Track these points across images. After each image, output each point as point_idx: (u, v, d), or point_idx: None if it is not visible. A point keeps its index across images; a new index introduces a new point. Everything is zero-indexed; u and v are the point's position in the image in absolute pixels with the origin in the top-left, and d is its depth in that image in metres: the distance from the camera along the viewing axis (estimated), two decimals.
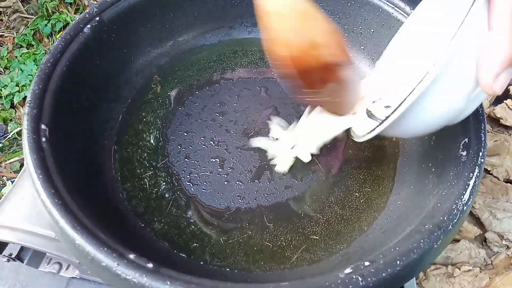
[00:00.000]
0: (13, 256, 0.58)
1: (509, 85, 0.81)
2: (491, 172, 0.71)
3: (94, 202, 0.45)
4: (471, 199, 0.40)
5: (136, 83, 0.63)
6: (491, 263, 0.64)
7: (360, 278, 0.34)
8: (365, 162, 0.58)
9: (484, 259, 0.63)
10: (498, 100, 0.81)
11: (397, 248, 0.37)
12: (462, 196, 0.40)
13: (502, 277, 0.58)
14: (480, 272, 0.60)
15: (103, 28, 0.56)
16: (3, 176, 1.71)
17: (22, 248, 0.59)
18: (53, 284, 0.63)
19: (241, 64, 0.68)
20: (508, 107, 0.78)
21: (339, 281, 0.34)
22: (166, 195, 0.53)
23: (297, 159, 0.56)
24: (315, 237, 0.50)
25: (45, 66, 0.48)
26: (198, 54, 0.68)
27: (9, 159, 1.77)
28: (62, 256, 0.53)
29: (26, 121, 0.43)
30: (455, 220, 0.39)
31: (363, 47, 0.68)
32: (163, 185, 0.54)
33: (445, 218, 0.39)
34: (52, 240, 0.53)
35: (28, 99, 0.45)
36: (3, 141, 1.81)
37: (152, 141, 0.58)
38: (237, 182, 0.55)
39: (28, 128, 0.42)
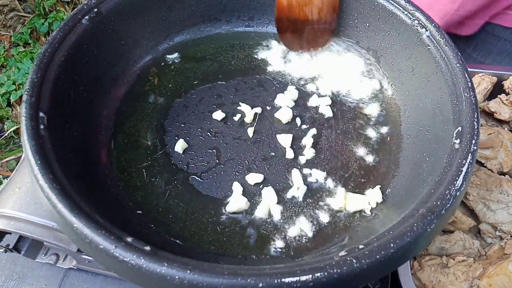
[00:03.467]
0: (10, 247, 0.58)
1: (502, 80, 0.82)
2: (485, 165, 0.72)
3: (92, 190, 0.46)
4: (464, 185, 0.41)
5: (134, 75, 0.63)
6: (485, 254, 0.64)
7: (354, 260, 0.35)
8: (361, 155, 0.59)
9: (478, 250, 0.64)
10: (493, 95, 0.82)
11: (391, 232, 0.38)
12: (455, 182, 0.41)
13: (495, 266, 0.59)
14: (474, 262, 0.61)
15: (101, 19, 0.56)
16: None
17: (20, 239, 0.59)
18: (50, 275, 0.63)
19: (238, 57, 0.69)
20: (502, 102, 0.79)
21: (333, 263, 0.35)
22: (164, 185, 0.53)
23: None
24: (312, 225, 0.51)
25: (43, 55, 0.48)
26: (196, 47, 0.69)
27: (5, 158, 1.77)
28: (59, 245, 0.53)
29: (24, 108, 0.43)
30: (448, 205, 0.40)
31: (358, 41, 0.68)
32: (161, 175, 0.54)
33: (438, 203, 0.39)
34: (49, 229, 0.53)
35: (26, 87, 0.45)
36: None
37: (149, 132, 0.58)
38: (234, 173, 0.55)
39: (26, 115, 0.43)
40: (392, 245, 0.36)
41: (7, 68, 2.04)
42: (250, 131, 0.59)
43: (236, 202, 0.51)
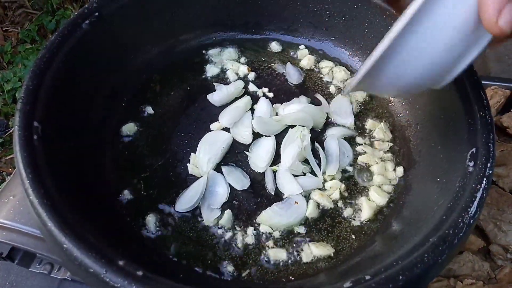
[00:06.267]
0: (3, 255, 0.57)
1: None
2: (496, 183, 0.69)
3: (86, 203, 0.44)
4: (478, 212, 0.39)
5: (135, 82, 0.61)
6: (495, 277, 0.62)
7: None
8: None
9: (488, 272, 0.61)
10: (505, 109, 0.79)
11: (399, 262, 0.36)
12: (468, 209, 0.39)
13: None
14: (484, 286, 0.58)
15: (102, 24, 0.54)
16: (3, 171, 1.70)
17: (13, 248, 0.57)
18: (44, 285, 0.61)
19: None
20: None
21: None
22: (163, 198, 0.51)
23: None
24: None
25: (40, 61, 0.46)
26: (199, 54, 0.66)
27: (9, 155, 1.76)
28: (53, 258, 0.52)
29: (18, 117, 0.41)
30: (461, 234, 0.37)
31: (368, 51, 0.66)
32: (159, 187, 0.52)
33: (451, 231, 0.37)
34: (43, 241, 0.51)
35: (21, 94, 0.43)
36: (4, 136, 1.80)
37: (149, 142, 0.56)
38: (236, 189, 0.53)
39: (20, 124, 0.41)
40: (401, 277, 0.34)
41: (13, 64, 2.03)
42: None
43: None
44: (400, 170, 0.56)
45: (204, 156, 0.54)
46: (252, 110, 0.61)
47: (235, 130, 0.58)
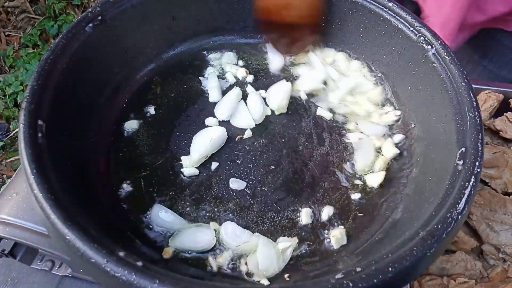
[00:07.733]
0: (5, 252, 0.58)
1: (509, 97, 0.81)
2: (489, 184, 0.71)
3: (88, 199, 0.45)
4: (466, 208, 0.40)
5: (136, 83, 0.63)
6: (487, 276, 0.63)
7: (351, 284, 0.34)
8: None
9: (480, 271, 0.63)
10: (499, 112, 0.81)
11: (389, 255, 0.37)
12: (457, 205, 0.40)
13: None
14: (476, 284, 0.60)
15: (105, 27, 0.56)
16: (3, 174, 1.71)
17: (15, 245, 0.58)
18: (45, 282, 0.63)
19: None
20: (508, 120, 0.78)
21: (329, 286, 0.34)
22: (162, 196, 0.53)
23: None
24: (310, 242, 0.50)
25: (45, 62, 0.48)
26: (199, 57, 0.68)
27: (10, 158, 1.77)
28: (55, 253, 0.53)
29: (22, 115, 0.43)
30: (449, 229, 0.39)
31: (363, 55, 0.68)
32: (159, 185, 0.54)
33: (439, 226, 0.38)
34: (45, 236, 0.53)
35: (26, 94, 0.45)
36: (4, 140, 1.82)
37: (149, 141, 0.58)
38: (235, 188, 0.55)
39: (25, 123, 0.42)
40: (390, 269, 0.35)
41: (15, 68, 2.06)
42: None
43: None
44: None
45: (198, 149, 0.56)
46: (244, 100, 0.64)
47: (235, 120, 0.61)
